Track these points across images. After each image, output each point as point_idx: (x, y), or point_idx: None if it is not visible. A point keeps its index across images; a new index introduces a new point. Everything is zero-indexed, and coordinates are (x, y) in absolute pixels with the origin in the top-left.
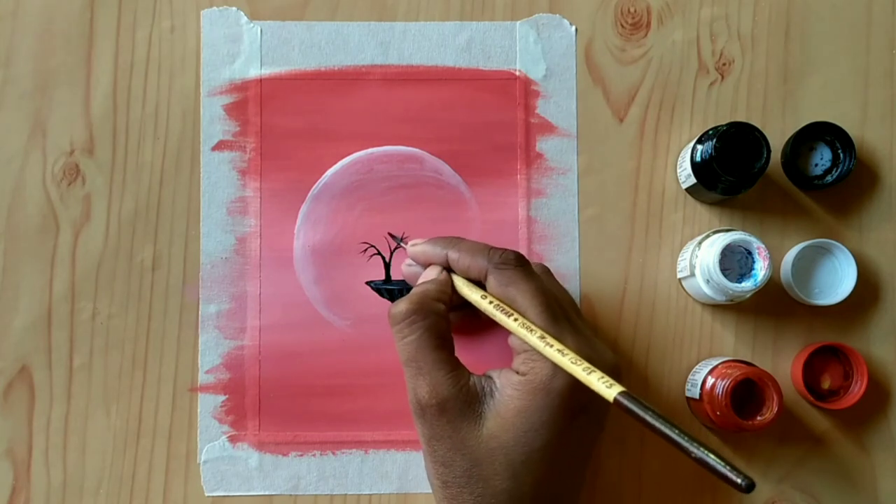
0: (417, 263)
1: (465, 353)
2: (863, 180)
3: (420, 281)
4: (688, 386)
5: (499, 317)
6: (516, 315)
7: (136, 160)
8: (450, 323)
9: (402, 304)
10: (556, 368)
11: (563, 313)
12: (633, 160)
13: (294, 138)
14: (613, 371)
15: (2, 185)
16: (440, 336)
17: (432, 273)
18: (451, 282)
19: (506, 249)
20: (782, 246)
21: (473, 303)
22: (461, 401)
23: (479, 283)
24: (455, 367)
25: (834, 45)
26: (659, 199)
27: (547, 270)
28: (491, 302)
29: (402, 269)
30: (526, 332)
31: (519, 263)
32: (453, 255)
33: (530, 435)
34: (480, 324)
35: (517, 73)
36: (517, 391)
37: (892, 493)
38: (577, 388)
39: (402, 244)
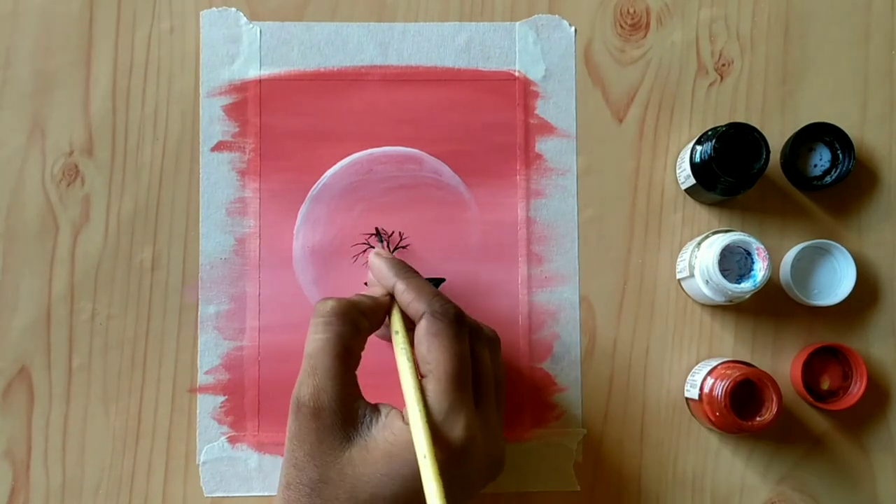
0: (371, 272)
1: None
2: (862, 181)
3: (364, 292)
4: (687, 387)
5: (401, 362)
6: (412, 369)
7: (136, 161)
8: (364, 341)
9: (330, 303)
10: None
11: (476, 386)
12: (632, 161)
13: (293, 139)
14: (493, 465)
15: (1, 186)
16: (347, 349)
17: (377, 291)
18: (389, 308)
19: (448, 301)
20: (781, 246)
21: (392, 337)
22: (338, 417)
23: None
24: (347, 384)
25: (833, 46)
26: (658, 199)
27: (496, 341)
28: (403, 348)
29: (368, 274)
30: (411, 390)
31: (454, 320)
32: (400, 287)
33: (385, 480)
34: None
35: (516, 74)
36: (393, 436)
37: (892, 493)
38: (451, 464)
39: (382, 243)
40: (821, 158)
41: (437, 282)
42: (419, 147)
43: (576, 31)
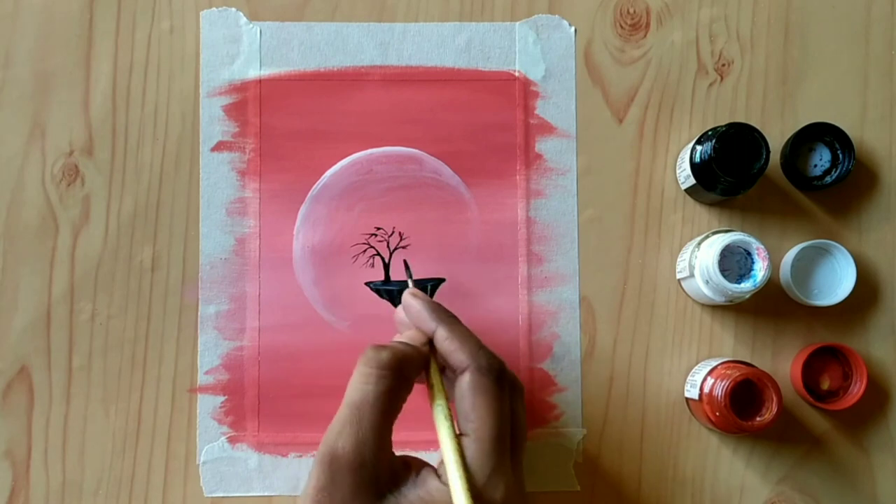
0: (406, 313)
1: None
2: (862, 181)
3: (402, 338)
4: (687, 387)
5: (439, 421)
6: (451, 431)
7: (136, 161)
8: (409, 395)
9: (385, 354)
10: None
11: (509, 448)
12: (632, 161)
13: (293, 139)
14: None
15: (1, 186)
16: (395, 405)
17: (417, 339)
18: (429, 358)
19: (493, 356)
20: (781, 247)
21: (428, 391)
22: (375, 474)
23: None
24: (387, 440)
25: (833, 46)
26: (658, 199)
27: (521, 391)
28: (440, 405)
29: (396, 312)
30: (450, 454)
31: (499, 377)
32: (442, 333)
33: None
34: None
35: (516, 74)
36: (430, 496)
37: (891, 493)
38: None
39: (411, 276)
40: (821, 158)
41: (437, 282)
42: (419, 147)
43: (576, 31)
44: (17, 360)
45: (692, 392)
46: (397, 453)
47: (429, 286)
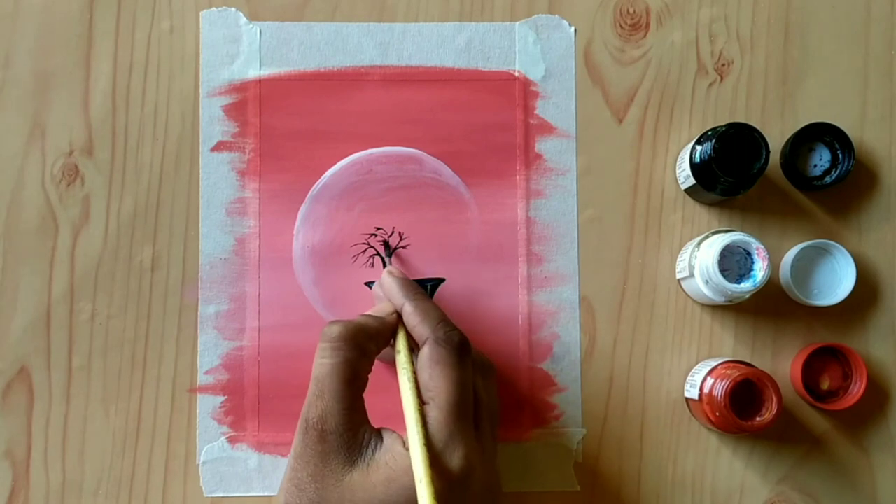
0: (381, 288)
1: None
2: (862, 181)
3: (371, 311)
4: (687, 387)
5: (403, 385)
6: (414, 393)
7: (136, 161)
8: (371, 364)
9: (336, 327)
10: None
11: (473, 416)
12: (632, 161)
13: (293, 139)
14: (489, 496)
15: (1, 186)
16: (355, 373)
17: (384, 310)
18: (396, 329)
19: (454, 329)
20: (781, 247)
21: (397, 364)
22: (343, 441)
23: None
24: (354, 408)
25: (833, 46)
26: (658, 199)
27: (491, 370)
28: (405, 369)
29: (374, 287)
30: (411, 416)
31: (458, 348)
32: (408, 308)
33: None
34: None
35: (516, 74)
36: (394, 461)
37: (891, 493)
38: (449, 493)
39: (390, 255)
40: (821, 158)
41: (437, 282)
42: (419, 147)
43: (576, 31)
44: (17, 360)
45: (692, 392)
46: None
47: (429, 286)
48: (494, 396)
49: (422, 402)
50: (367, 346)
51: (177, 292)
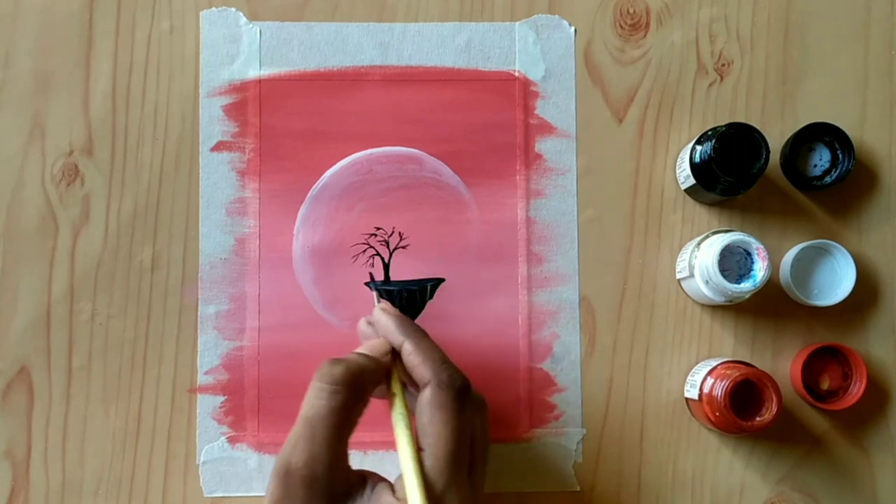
0: (376, 326)
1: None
2: (862, 181)
3: (366, 349)
4: (687, 387)
5: (398, 432)
6: (411, 443)
7: (136, 161)
8: (365, 408)
9: (339, 368)
10: None
11: (467, 465)
12: (632, 161)
13: (293, 139)
14: None
15: (1, 186)
16: (349, 418)
17: (379, 348)
18: (390, 368)
19: (456, 371)
20: (781, 247)
21: (390, 399)
22: (328, 489)
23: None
24: (342, 454)
25: (833, 46)
26: (658, 199)
27: (484, 406)
28: (401, 415)
29: (360, 324)
30: (410, 469)
31: (460, 394)
32: (408, 348)
33: None
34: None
35: (516, 74)
36: None
37: (891, 493)
38: None
39: (383, 295)
40: (821, 158)
41: (436, 282)
42: (419, 147)
43: (576, 31)
44: (17, 360)
45: (692, 392)
46: (356, 467)
47: (429, 286)
48: (486, 433)
49: (418, 448)
50: (364, 390)
51: (177, 292)
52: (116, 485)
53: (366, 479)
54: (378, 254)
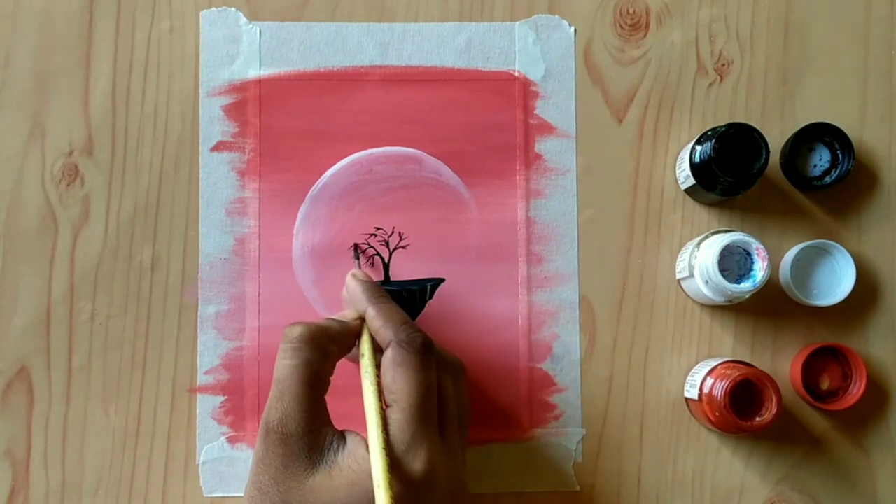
0: (346, 292)
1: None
2: (861, 181)
3: (335, 315)
4: (687, 387)
5: (365, 388)
6: (376, 396)
7: (135, 161)
8: (333, 367)
9: (297, 328)
10: None
11: (438, 418)
12: (632, 161)
13: (293, 139)
14: (453, 499)
15: (1, 186)
16: (315, 375)
17: (349, 315)
18: (360, 333)
19: (417, 331)
20: (781, 247)
21: (361, 367)
22: (304, 443)
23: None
24: (314, 410)
25: (833, 46)
26: (658, 199)
27: (461, 370)
28: (368, 372)
29: (343, 290)
30: (373, 418)
31: (421, 350)
32: (371, 312)
33: None
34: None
35: (516, 74)
36: (357, 464)
37: (891, 493)
38: (410, 496)
39: (358, 258)
40: (820, 158)
41: (436, 282)
42: (419, 147)
43: (575, 31)
44: (16, 360)
45: (692, 392)
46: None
47: (429, 286)
48: (464, 396)
49: (385, 405)
50: (328, 347)
51: (177, 292)
52: (116, 485)
53: (344, 435)
54: (378, 254)
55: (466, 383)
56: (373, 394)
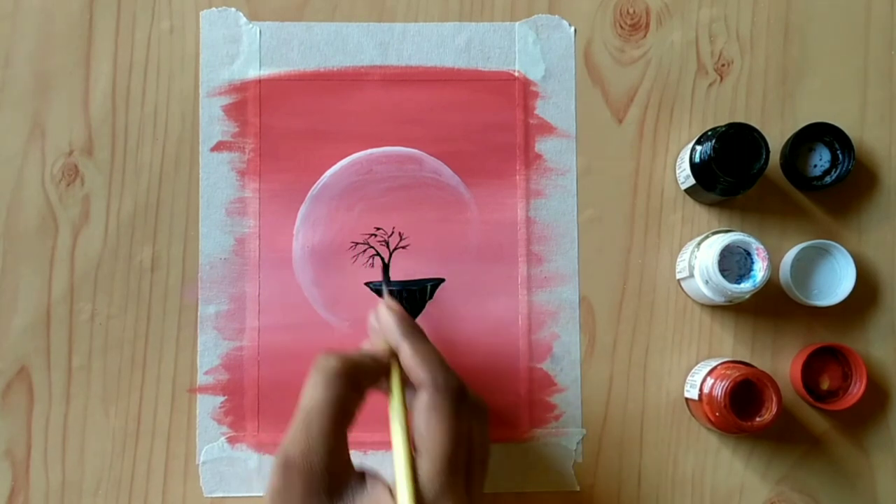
0: (378, 323)
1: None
2: (861, 181)
3: (368, 346)
4: (687, 387)
5: (394, 432)
6: (406, 443)
7: (135, 161)
8: (362, 403)
9: (334, 362)
10: None
11: (463, 470)
12: (632, 161)
13: (293, 139)
14: None
15: (1, 186)
16: (345, 412)
17: (379, 346)
18: (389, 367)
19: (452, 375)
20: (781, 247)
21: (390, 408)
22: (326, 483)
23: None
24: (339, 449)
25: (833, 46)
26: (658, 199)
27: (484, 412)
28: (398, 414)
29: (370, 318)
30: (402, 468)
31: (456, 398)
32: (406, 349)
33: None
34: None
35: (516, 74)
36: None
37: (891, 493)
38: None
39: (386, 285)
40: (820, 158)
41: (436, 282)
42: (419, 147)
43: (575, 31)
44: (16, 360)
45: (692, 392)
46: (357, 466)
47: (429, 286)
48: (486, 440)
49: (413, 450)
50: (361, 384)
51: (177, 292)
52: (116, 485)
53: (365, 477)
54: (378, 254)
55: (489, 425)
56: (402, 439)
